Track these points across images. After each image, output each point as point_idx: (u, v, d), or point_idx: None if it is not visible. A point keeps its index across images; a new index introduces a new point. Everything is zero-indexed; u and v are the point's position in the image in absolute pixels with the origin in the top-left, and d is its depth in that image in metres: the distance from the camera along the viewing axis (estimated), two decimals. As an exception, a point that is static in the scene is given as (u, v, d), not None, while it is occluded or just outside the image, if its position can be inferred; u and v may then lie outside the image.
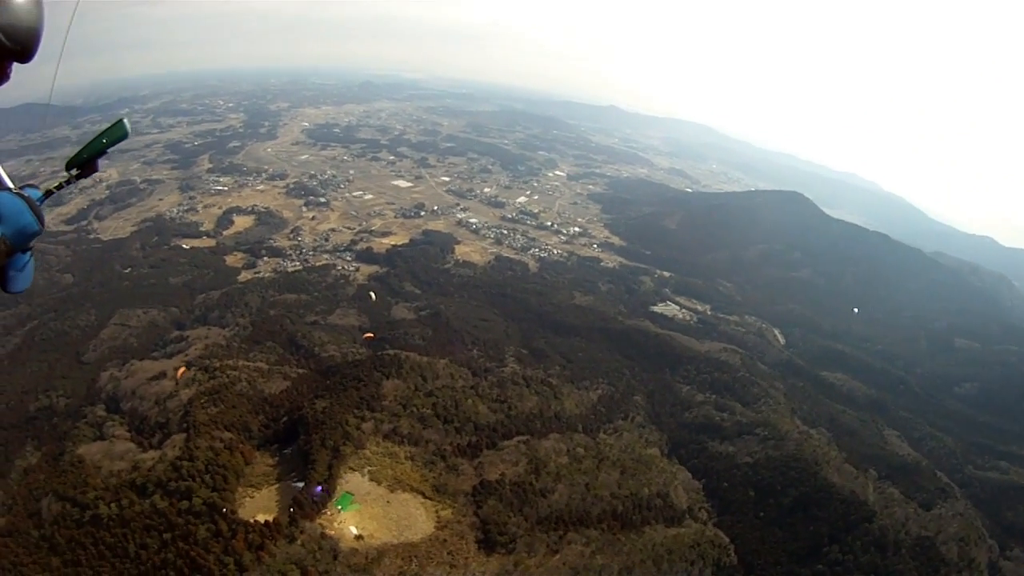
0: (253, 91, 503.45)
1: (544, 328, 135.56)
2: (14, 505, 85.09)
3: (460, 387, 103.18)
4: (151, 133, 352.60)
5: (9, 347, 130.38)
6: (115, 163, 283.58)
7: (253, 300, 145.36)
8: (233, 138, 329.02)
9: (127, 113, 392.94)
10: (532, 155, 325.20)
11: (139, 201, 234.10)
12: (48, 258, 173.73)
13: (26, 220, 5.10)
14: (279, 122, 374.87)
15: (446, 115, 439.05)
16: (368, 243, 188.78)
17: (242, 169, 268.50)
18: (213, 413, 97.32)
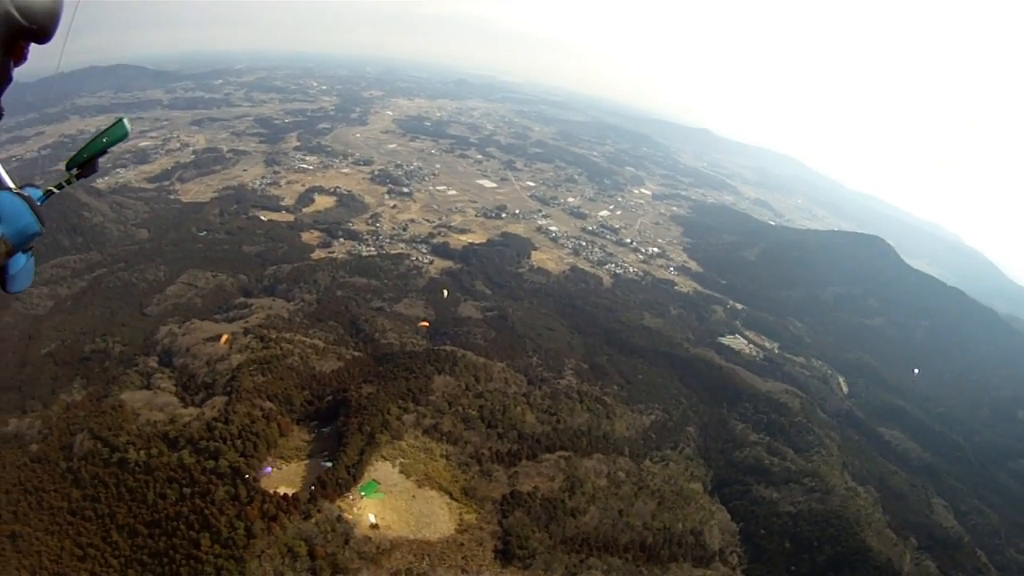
0: (348, 77, 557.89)
1: (608, 345, 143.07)
2: (49, 435, 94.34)
3: (512, 393, 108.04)
4: (242, 106, 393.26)
5: (75, 289, 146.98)
6: (205, 130, 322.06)
7: (323, 278, 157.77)
8: (324, 120, 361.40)
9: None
10: (619, 170, 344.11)
11: (223, 169, 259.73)
12: (126, 211, 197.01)
13: (26, 220, 5.54)
14: (371, 109, 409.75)
15: (538, 120, 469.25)
16: (445, 238, 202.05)
17: (329, 151, 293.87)
18: (259, 381, 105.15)
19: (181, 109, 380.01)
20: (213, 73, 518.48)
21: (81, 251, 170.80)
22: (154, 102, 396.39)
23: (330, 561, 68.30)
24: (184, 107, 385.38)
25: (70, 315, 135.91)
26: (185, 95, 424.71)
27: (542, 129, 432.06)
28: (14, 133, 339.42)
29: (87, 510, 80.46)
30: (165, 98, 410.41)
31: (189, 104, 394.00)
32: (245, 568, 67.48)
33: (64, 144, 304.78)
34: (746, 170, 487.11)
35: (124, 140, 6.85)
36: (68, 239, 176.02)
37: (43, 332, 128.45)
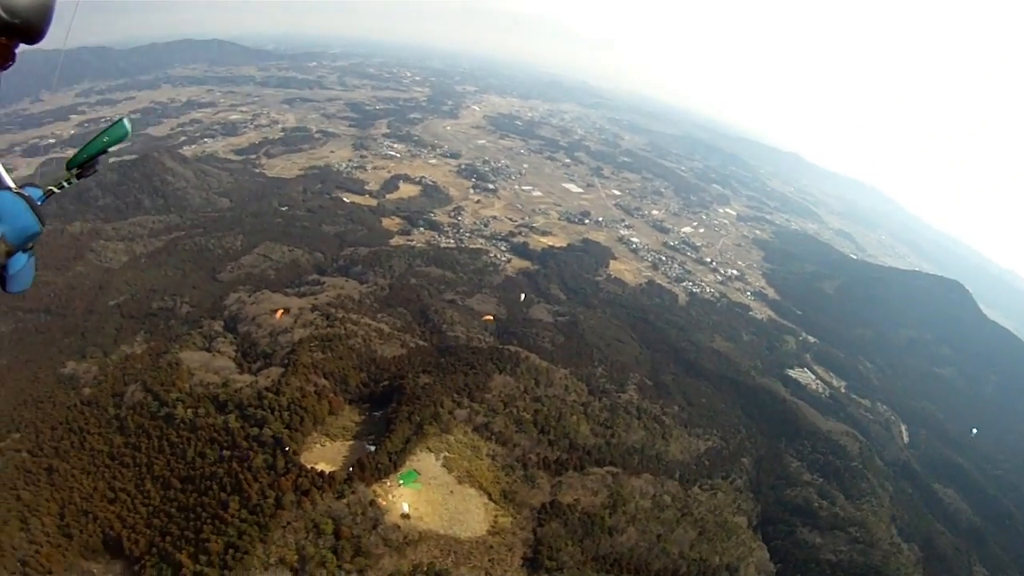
0: (442, 69, 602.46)
1: (676, 364, 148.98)
2: (103, 381, 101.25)
3: (570, 401, 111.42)
4: (334, 89, 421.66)
5: (150, 248, 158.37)
6: (295, 109, 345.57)
7: (398, 265, 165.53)
8: (415, 110, 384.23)
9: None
10: (706, 187, 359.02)
11: (310, 148, 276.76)
12: (209, 180, 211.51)
13: (27, 220, 5.85)
14: (462, 103, 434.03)
15: (629, 129, 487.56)
16: (526, 238, 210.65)
17: (418, 140, 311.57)
18: (317, 358, 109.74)
19: (273, 87, 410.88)
20: (307, 55, 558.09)
21: (161, 213, 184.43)
22: (247, 78, 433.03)
23: (354, 543, 70.92)
24: (276, 85, 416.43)
25: (142, 272, 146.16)
26: (278, 74, 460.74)
27: (632, 138, 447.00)
28: (104, 96, 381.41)
29: (126, 457, 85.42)
30: (258, 75, 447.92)
31: (281, 83, 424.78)
32: (267, 536, 70.27)
33: (154, 110, 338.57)
34: (832, 199, 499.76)
35: (124, 140, 7.17)
36: (149, 200, 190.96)
37: (113, 284, 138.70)
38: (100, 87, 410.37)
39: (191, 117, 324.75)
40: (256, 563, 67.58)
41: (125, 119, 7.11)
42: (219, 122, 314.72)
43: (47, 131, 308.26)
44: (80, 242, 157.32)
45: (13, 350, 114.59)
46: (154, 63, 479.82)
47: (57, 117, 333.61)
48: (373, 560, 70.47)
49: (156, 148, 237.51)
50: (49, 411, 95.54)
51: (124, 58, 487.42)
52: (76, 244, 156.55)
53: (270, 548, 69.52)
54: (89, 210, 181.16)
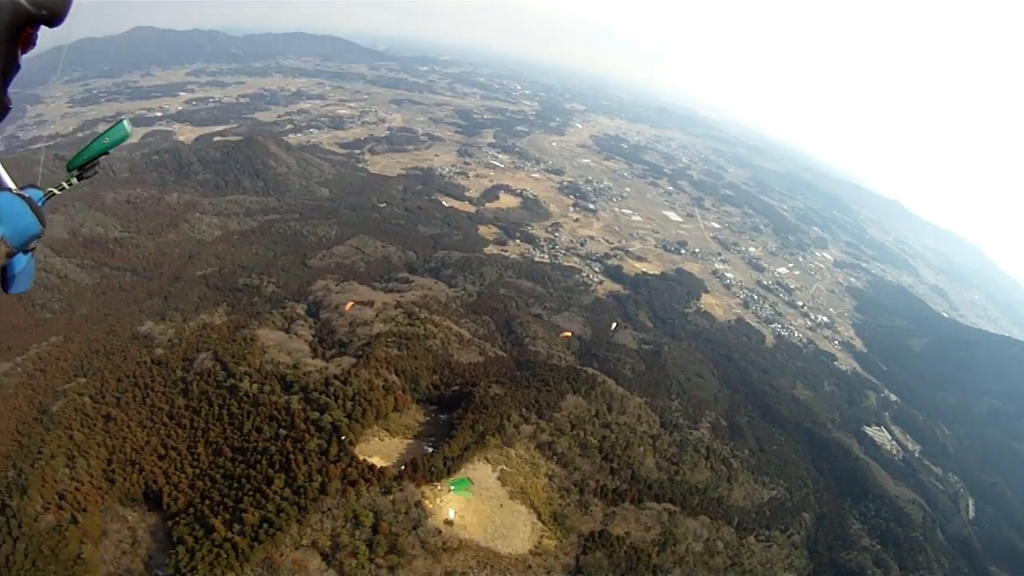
0: (552, 85, 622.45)
1: (753, 407, 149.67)
2: (177, 345, 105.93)
3: (640, 432, 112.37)
4: (444, 95, 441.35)
5: (244, 226, 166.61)
6: (403, 110, 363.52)
7: (489, 273, 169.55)
8: (522, 123, 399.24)
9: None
10: (806, 229, 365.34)
11: (415, 149, 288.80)
12: (311, 169, 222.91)
13: (27, 221, 5.93)
14: (570, 121, 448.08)
15: (733, 162, 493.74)
16: (620, 261, 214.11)
17: (523, 153, 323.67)
18: (392, 354, 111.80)
19: (383, 86, 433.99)
20: (419, 59, 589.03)
21: (259, 194, 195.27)
22: (357, 76, 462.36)
23: (390, 540, 72.48)
24: (386, 85, 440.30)
25: (233, 247, 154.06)
26: (389, 74, 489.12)
27: (736, 171, 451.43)
28: (215, 78, 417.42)
29: (184, 419, 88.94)
30: (369, 74, 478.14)
31: (391, 83, 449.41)
32: (305, 518, 71.76)
33: (263, 96, 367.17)
34: (930, 252, 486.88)
35: (124, 142, 7.21)
36: (249, 181, 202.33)
37: (203, 256, 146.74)
38: (211, 69, 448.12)
39: (299, 107, 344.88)
40: (287, 541, 69.38)
41: (125, 121, 7.16)
42: (327, 115, 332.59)
43: (155, 104, 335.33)
44: (175, 212, 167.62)
45: (94, 302, 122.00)
46: (266, 52, 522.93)
47: (166, 93, 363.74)
48: (406, 560, 71.61)
49: (261, 132, 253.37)
50: (119, 364, 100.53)
51: (237, 44, 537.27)
52: (171, 213, 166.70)
53: (305, 530, 71.16)
54: (188, 183, 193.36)
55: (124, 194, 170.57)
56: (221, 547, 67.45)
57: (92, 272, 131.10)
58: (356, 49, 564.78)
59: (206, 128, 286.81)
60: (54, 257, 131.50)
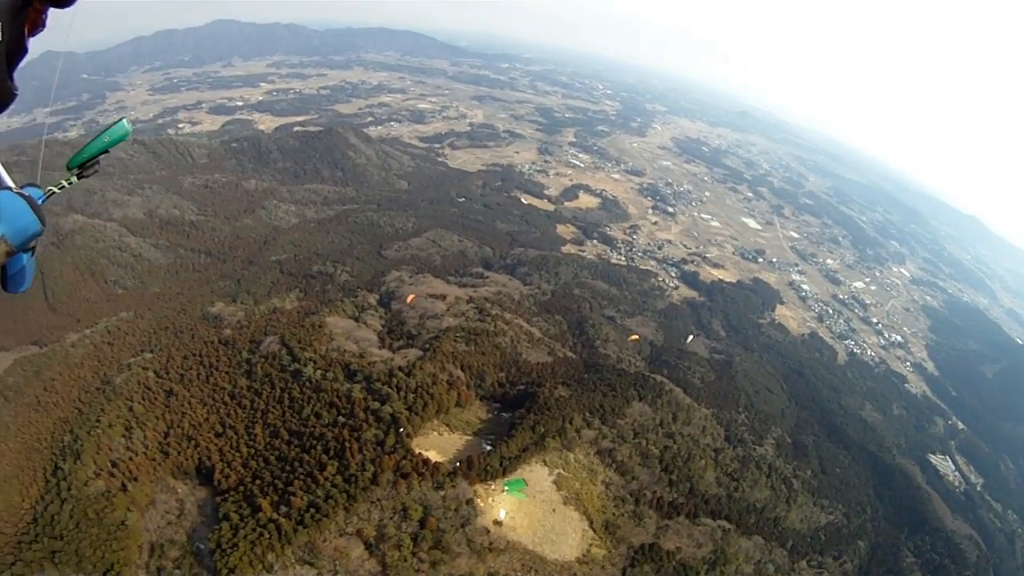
0: (633, 86, 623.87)
1: (819, 426, 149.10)
2: (246, 327, 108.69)
3: (703, 444, 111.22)
4: (525, 92, 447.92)
5: (321, 215, 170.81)
6: (484, 106, 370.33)
7: (565, 273, 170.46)
8: (603, 123, 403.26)
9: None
10: (884, 242, 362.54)
11: (495, 146, 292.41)
12: (391, 161, 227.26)
13: (27, 220, 5.98)
14: (651, 123, 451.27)
15: (813, 171, 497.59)
16: (697, 267, 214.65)
17: (603, 153, 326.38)
18: (459, 349, 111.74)
19: (464, 83, 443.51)
20: (501, 56, 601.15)
21: (338, 184, 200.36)
22: (438, 71, 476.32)
23: (436, 535, 72.76)
24: (467, 81, 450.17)
25: (309, 235, 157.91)
26: (470, 71, 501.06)
27: (816, 180, 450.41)
28: (296, 69, 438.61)
29: (245, 399, 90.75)
30: (450, 69, 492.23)
31: (473, 80, 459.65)
32: (352, 506, 72.33)
33: (344, 88, 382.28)
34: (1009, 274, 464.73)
35: (124, 141, 7.42)
36: (328, 170, 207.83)
37: (279, 242, 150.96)
38: (292, 61, 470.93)
39: (380, 100, 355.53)
40: (332, 528, 70.15)
41: (125, 120, 7.29)
42: (407, 108, 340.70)
43: (236, 94, 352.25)
44: (253, 198, 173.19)
45: (168, 280, 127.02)
46: (348, 46, 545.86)
47: (247, 83, 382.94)
48: (450, 556, 71.85)
49: (342, 124, 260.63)
50: (186, 342, 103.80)
51: (318, 38, 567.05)
52: (248, 199, 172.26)
53: (351, 518, 71.82)
54: (267, 171, 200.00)
55: (202, 179, 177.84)
56: (265, 527, 68.52)
57: (166, 252, 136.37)
58: (437, 45, 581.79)
59: (286, 118, 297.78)
60: (129, 236, 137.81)
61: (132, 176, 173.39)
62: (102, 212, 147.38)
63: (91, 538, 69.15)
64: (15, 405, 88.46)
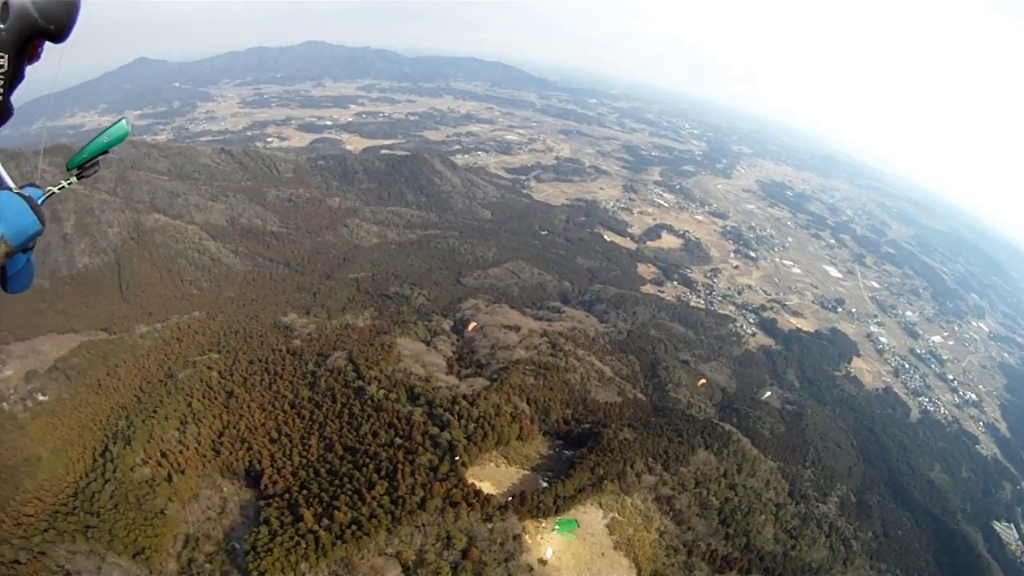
0: (719, 126, 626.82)
1: (886, 485, 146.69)
2: (314, 340, 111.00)
3: (765, 498, 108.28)
4: (612, 128, 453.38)
5: (403, 238, 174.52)
6: (571, 141, 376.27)
7: (642, 313, 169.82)
8: (689, 163, 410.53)
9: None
10: (964, 295, 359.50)
11: (580, 181, 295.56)
12: (476, 190, 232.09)
13: (27, 220, 6.04)
14: (736, 164, 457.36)
15: (897, 218, 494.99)
16: (775, 315, 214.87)
17: (687, 193, 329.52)
18: (528, 382, 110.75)
19: (552, 116, 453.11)
20: (589, 92, 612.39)
21: (422, 209, 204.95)
22: (527, 103, 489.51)
23: (477, 567, 72.37)
24: (555, 115, 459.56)
25: (389, 256, 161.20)
26: (558, 104, 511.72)
27: (899, 228, 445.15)
28: (386, 94, 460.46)
29: (304, 410, 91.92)
30: (538, 102, 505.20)
31: (560, 113, 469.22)
32: (395, 528, 71.68)
33: (432, 116, 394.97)
34: None
35: (124, 141, 7.40)
36: (412, 195, 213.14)
37: (358, 260, 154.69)
38: (382, 85, 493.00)
39: (468, 129, 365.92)
40: (372, 547, 69.87)
41: (124, 120, 7.28)
42: (495, 139, 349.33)
43: (325, 113, 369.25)
44: (335, 215, 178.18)
45: (243, 287, 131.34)
46: (437, 73, 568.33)
47: (337, 104, 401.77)
48: None
49: (428, 150, 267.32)
50: (254, 347, 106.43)
51: (409, 64, 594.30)
52: (331, 216, 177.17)
53: (393, 540, 71.50)
54: (351, 190, 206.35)
55: (287, 192, 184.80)
56: (303, 537, 68.79)
57: (245, 260, 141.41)
58: (525, 77, 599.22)
59: (374, 140, 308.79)
60: (209, 240, 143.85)
61: (217, 183, 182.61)
62: (184, 215, 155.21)
63: (127, 520, 71.85)
64: (76, 384, 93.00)
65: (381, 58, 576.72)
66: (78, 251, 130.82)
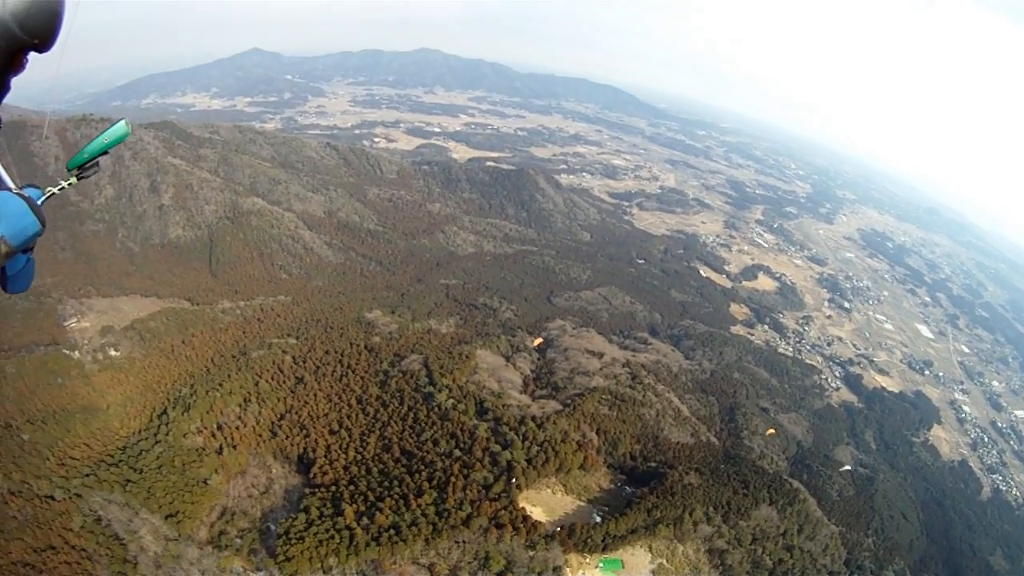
0: (824, 168, 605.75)
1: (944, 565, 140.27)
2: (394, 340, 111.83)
3: (820, 565, 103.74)
4: (719, 163, 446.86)
5: (499, 250, 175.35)
6: (677, 171, 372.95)
7: (729, 354, 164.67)
8: (792, 204, 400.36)
9: None
10: None
11: (682, 213, 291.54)
12: (577, 211, 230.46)
13: (27, 220, 6.02)
14: (839, 209, 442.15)
15: (993, 279, 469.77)
16: (862, 370, 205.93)
17: (788, 235, 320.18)
18: (601, 411, 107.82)
19: (660, 144, 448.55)
20: (698, 123, 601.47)
21: (521, 224, 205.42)
22: (636, 129, 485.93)
23: None
24: (663, 144, 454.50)
25: (483, 267, 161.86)
26: (667, 133, 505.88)
27: (995, 291, 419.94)
28: (496, 108, 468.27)
29: (370, 407, 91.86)
30: (647, 129, 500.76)
31: (668, 143, 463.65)
32: (434, 540, 70.76)
33: (540, 133, 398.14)
34: None
35: (124, 141, 7.37)
36: (513, 209, 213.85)
37: (451, 267, 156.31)
38: (493, 98, 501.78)
39: (575, 150, 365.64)
40: (406, 554, 69.05)
41: (124, 121, 7.33)
42: (601, 162, 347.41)
43: (434, 120, 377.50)
44: (434, 220, 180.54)
45: (333, 278, 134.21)
46: (548, 92, 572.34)
47: (446, 112, 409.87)
48: None
49: (534, 166, 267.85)
50: (333, 338, 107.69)
51: (520, 80, 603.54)
52: (430, 220, 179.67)
53: (429, 551, 70.55)
54: (453, 198, 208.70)
55: (388, 192, 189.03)
56: (339, 532, 69.06)
57: (338, 252, 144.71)
58: (636, 103, 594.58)
59: (480, 151, 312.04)
60: (304, 230, 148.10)
61: (319, 176, 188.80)
62: (283, 202, 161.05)
63: (167, 483, 74.27)
64: (149, 346, 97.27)
65: (494, 71, 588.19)
66: (172, 222, 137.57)
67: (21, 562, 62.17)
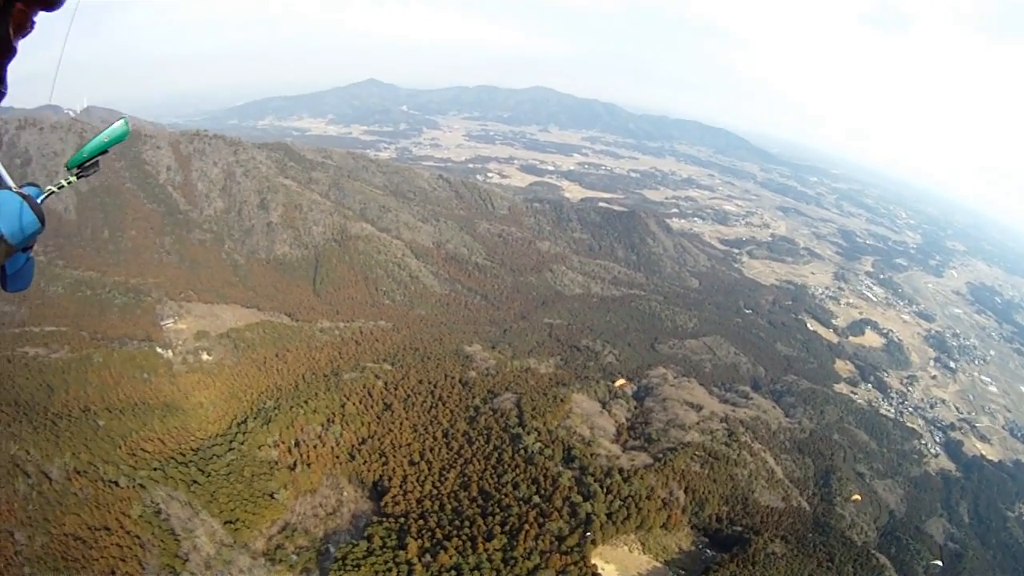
0: (936, 218, 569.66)
1: None
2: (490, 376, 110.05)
3: None
4: (830, 211, 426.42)
5: (606, 292, 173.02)
6: (788, 219, 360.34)
7: (831, 413, 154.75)
8: (902, 255, 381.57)
9: None
10: None
11: (792, 262, 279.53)
12: (686, 256, 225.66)
13: (26, 219, 5.87)
14: (949, 262, 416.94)
15: None
16: (963, 436, 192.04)
17: (897, 289, 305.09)
18: (691, 468, 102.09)
19: (771, 191, 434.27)
20: (809, 168, 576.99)
21: (630, 267, 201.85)
22: (748, 174, 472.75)
23: None
24: (775, 190, 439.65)
25: (589, 308, 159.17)
26: (779, 179, 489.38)
27: None
28: (609, 148, 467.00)
29: (455, 442, 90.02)
30: (759, 175, 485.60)
31: (780, 189, 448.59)
32: None
33: (653, 175, 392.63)
34: None
35: (123, 140, 7.18)
36: (623, 251, 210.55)
37: (556, 306, 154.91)
38: (607, 139, 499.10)
39: (687, 194, 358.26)
40: None
41: (124, 120, 7.10)
42: (712, 207, 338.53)
43: (548, 158, 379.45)
44: (543, 259, 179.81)
45: (436, 308, 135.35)
46: (661, 133, 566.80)
47: (560, 150, 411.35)
48: None
49: (645, 209, 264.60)
50: (429, 368, 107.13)
51: (634, 121, 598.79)
52: (539, 258, 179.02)
53: None
54: (563, 237, 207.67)
55: (498, 228, 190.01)
56: (398, 565, 67.83)
57: (444, 283, 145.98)
58: (748, 147, 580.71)
59: (593, 192, 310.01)
60: (411, 258, 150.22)
61: (430, 207, 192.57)
62: (392, 229, 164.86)
63: (231, 490, 74.99)
64: (242, 355, 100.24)
65: (608, 112, 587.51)
66: (279, 239, 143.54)
67: (74, 535, 64.21)
